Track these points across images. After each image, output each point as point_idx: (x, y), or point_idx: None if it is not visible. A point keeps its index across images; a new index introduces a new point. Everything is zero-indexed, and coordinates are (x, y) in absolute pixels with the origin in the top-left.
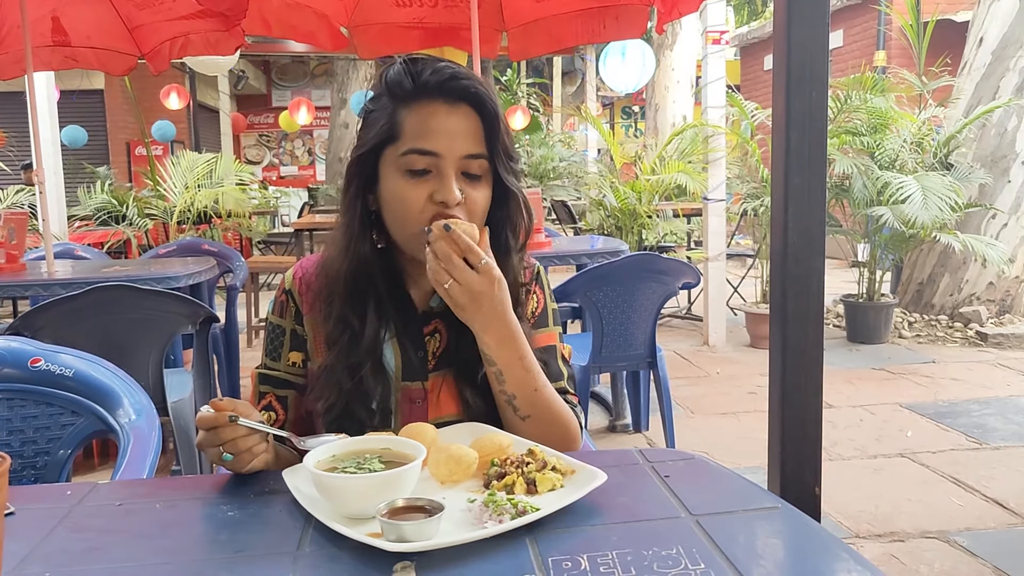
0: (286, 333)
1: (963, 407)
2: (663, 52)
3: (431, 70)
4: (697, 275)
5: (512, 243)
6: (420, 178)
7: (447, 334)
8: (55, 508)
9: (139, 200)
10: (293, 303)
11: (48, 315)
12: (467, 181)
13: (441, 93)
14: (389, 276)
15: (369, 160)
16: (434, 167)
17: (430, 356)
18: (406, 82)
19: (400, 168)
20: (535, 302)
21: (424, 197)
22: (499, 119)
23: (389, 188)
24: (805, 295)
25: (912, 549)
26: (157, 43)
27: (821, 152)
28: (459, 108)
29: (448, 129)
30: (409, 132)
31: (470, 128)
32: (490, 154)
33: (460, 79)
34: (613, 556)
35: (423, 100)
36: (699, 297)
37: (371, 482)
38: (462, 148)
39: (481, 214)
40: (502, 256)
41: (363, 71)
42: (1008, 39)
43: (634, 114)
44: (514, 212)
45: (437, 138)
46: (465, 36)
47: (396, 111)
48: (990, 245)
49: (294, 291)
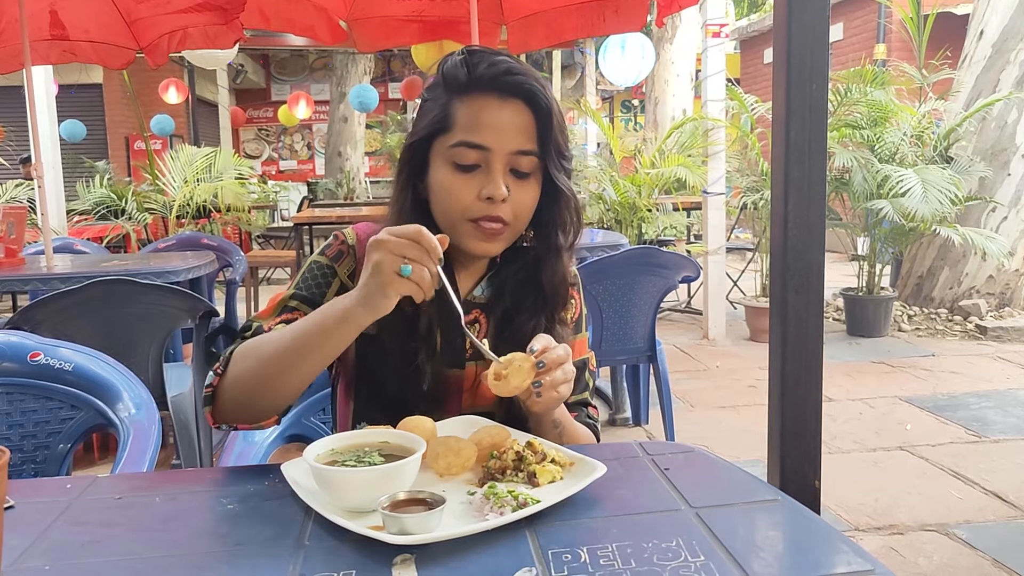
0: (336, 276)
1: (962, 400)
2: (663, 45)
3: (487, 63)
4: (697, 269)
5: (561, 242)
6: (468, 173)
7: (487, 325)
8: (55, 502)
9: (138, 194)
10: (353, 260)
11: (47, 309)
12: (515, 178)
13: (495, 87)
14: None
15: (420, 149)
16: (483, 161)
17: (468, 344)
18: (461, 74)
19: (449, 160)
20: (573, 307)
21: (472, 191)
22: (552, 117)
23: (438, 179)
24: (805, 288)
25: (911, 542)
26: (155, 37)
27: (821, 145)
28: (511, 103)
29: (499, 124)
30: (460, 124)
31: (522, 124)
32: (541, 151)
33: (514, 74)
34: (613, 548)
35: (476, 93)
36: (699, 291)
37: (371, 475)
38: (512, 144)
39: (527, 211)
40: (551, 255)
41: (362, 65)
42: (1009, 32)
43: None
44: (563, 211)
45: (487, 132)
46: (464, 29)
47: (450, 102)
48: (990, 238)
49: (356, 249)
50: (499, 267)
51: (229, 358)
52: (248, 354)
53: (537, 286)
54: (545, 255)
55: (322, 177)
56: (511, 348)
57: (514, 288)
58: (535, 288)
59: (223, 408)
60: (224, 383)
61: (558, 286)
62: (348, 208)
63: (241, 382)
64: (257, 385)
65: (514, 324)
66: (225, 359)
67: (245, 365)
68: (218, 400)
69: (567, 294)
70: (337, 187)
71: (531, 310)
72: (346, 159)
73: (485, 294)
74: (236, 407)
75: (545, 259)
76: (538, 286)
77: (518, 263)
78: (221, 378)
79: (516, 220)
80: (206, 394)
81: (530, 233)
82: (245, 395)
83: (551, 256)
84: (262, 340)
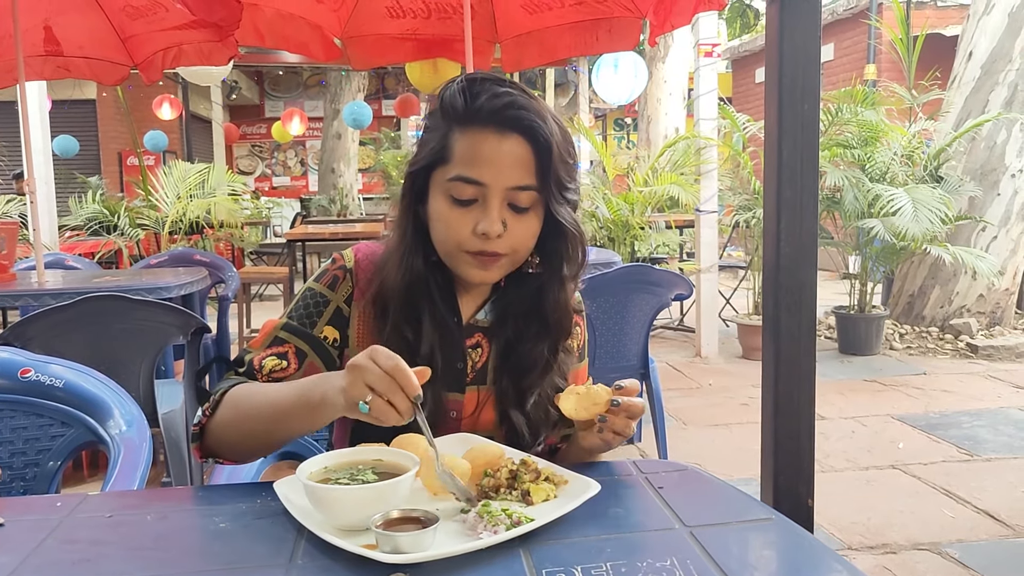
0: (329, 305)
1: (954, 419)
2: (655, 64)
3: (488, 94)
4: (689, 287)
5: (565, 273)
6: (465, 207)
7: (489, 350)
8: (45, 519)
9: (131, 210)
10: (351, 283)
11: (38, 325)
12: (514, 212)
13: (493, 121)
14: (443, 287)
15: (420, 176)
16: (480, 196)
17: (469, 369)
18: (459, 104)
19: (447, 193)
20: (579, 336)
21: (467, 225)
22: (552, 151)
23: (436, 209)
24: (797, 307)
25: (904, 561)
26: (150, 53)
27: (813, 164)
28: (510, 138)
29: (497, 159)
30: (458, 157)
31: (521, 159)
32: (540, 186)
33: (514, 108)
34: (607, 567)
35: (475, 126)
36: (691, 309)
37: (365, 493)
38: (510, 179)
39: (526, 244)
40: (553, 285)
41: (356, 82)
42: (997, 53)
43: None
44: (565, 244)
45: (485, 167)
46: (458, 48)
47: (448, 133)
48: (980, 257)
49: (353, 272)
50: (503, 291)
51: (219, 400)
52: (233, 405)
53: (541, 315)
54: (548, 285)
55: (315, 194)
56: (515, 375)
57: (518, 315)
58: (539, 317)
59: (210, 445)
60: (211, 425)
61: (560, 317)
62: (341, 225)
63: (226, 430)
64: (241, 437)
65: (518, 351)
66: (214, 401)
67: (230, 416)
68: (205, 438)
69: (571, 325)
70: (330, 204)
71: (535, 339)
72: (339, 176)
73: (488, 318)
74: (222, 448)
75: (548, 289)
76: (542, 315)
77: (522, 289)
78: (209, 418)
79: (515, 253)
80: (194, 431)
81: (535, 259)
82: (230, 442)
83: (553, 286)
84: (247, 395)
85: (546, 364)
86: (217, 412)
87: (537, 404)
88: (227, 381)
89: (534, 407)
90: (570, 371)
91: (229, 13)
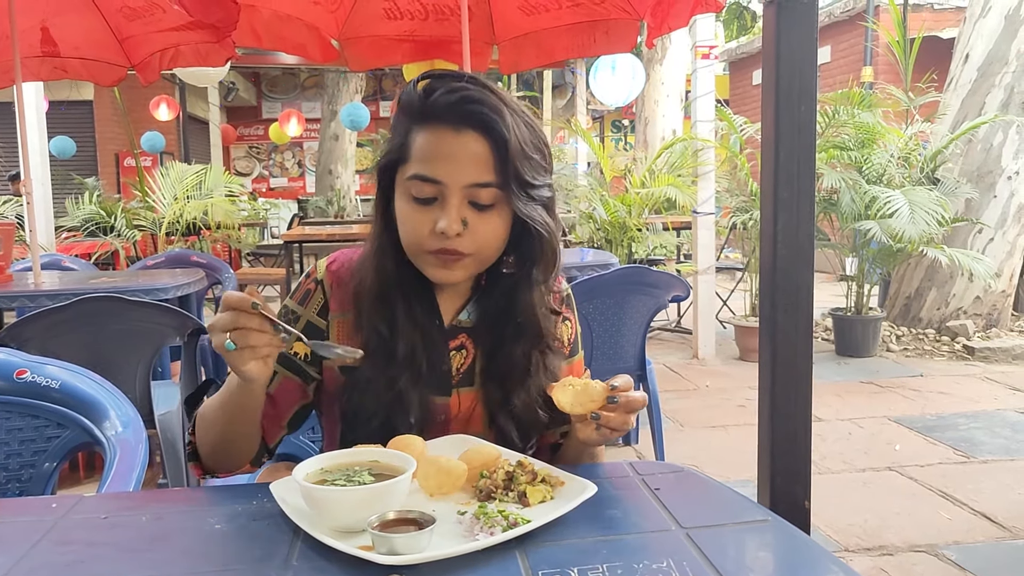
0: (300, 320)
1: (951, 421)
2: (653, 66)
3: (444, 90)
4: (686, 288)
5: (535, 276)
6: (426, 206)
7: (474, 351)
8: (40, 521)
9: (127, 211)
10: (322, 295)
11: (35, 326)
12: (476, 210)
13: (448, 117)
14: (418, 287)
15: (386, 175)
16: (439, 194)
17: (454, 371)
18: (416, 101)
19: (407, 192)
20: (569, 329)
21: (427, 224)
22: (510, 145)
23: (399, 208)
24: (794, 308)
25: (901, 563)
26: (147, 54)
27: (810, 166)
28: (466, 134)
29: (454, 156)
30: (416, 155)
31: (478, 155)
32: (501, 183)
33: (469, 103)
34: (603, 569)
35: (431, 123)
36: (688, 310)
37: (361, 495)
38: (467, 176)
39: (491, 241)
40: (523, 287)
41: (353, 83)
42: (993, 56)
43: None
44: (533, 244)
45: (441, 165)
46: (456, 49)
47: (408, 131)
48: (977, 259)
49: (325, 283)
50: (484, 290)
51: (195, 421)
52: (202, 422)
53: (513, 317)
54: (519, 286)
55: (312, 195)
56: (502, 376)
57: (495, 316)
58: (512, 319)
59: (205, 462)
60: (197, 443)
61: (532, 319)
62: (338, 226)
63: (206, 444)
64: (217, 447)
65: (503, 352)
66: (193, 421)
67: (202, 432)
68: (199, 456)
69: (546, 326)
70: (328, 205)
71: (511, 341)
72: (337, 177)
73: (471, 318)
74: (212, 462)
75: (519, 290)
76: (514, 317)
77: (499, 289)
78: (195, 437)
79: (479, 251)
80: (188, 452)
81: (511, 258)
82: (213, 454)
83: (523, 288)
84: (206, 408)
85: (526, 367)
86: (196, 431)
87: (525, 406)
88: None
89: (522, 409)
90: (561, 367)
91: (226, 14)
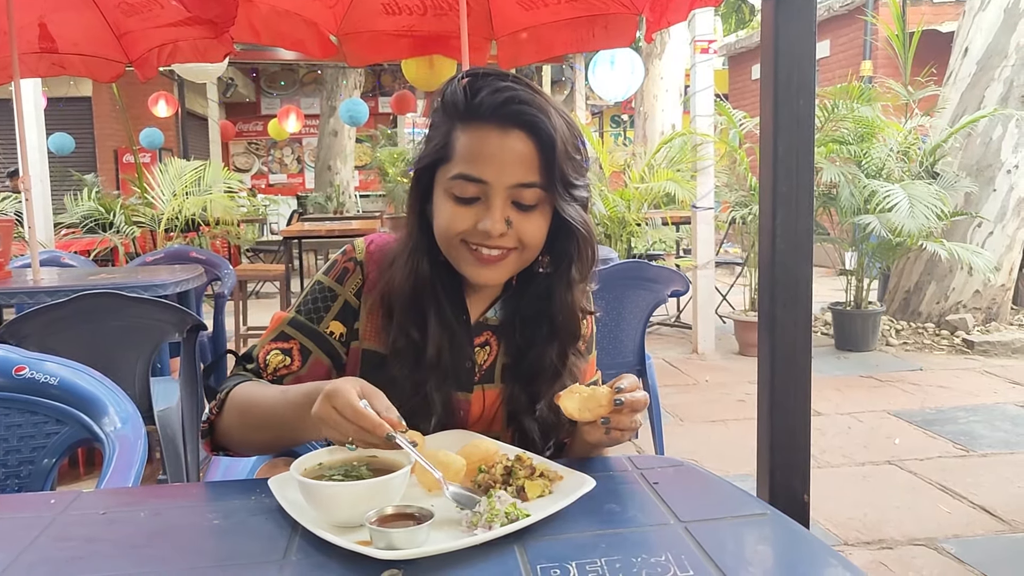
0: (337, 299)
1: (950, 414)
2: (652, 61)
3: (489, 89)
4: (686, 283)
5: (573, 275)
6: (468, 205)
7: (497, 348)
8: (38, 517)
9: (126, 208)
10: (360, 273)
11: (34, 323)
12: (519, 210)
13: (494, 117)
14: (449, 286)
15: (425, 175)
16: (483, 194)
17: (476, 368)
18: (460, 100)
19: (449, 191)
20: (586, 327)
21: (469, 221)
22: (556, 147)
23: (439, 208)
24: (793, 302)
25: (900, 556)
26: (145, 50)
27: (808, 160)
28: (512, 134)
29: (499, 156)
30: (460, 155)
31: (523, 155)
32: (545, 183)
33: (515, 103)
34: (602, 563)
35: (476, 123)
36: (688, 305)
37: (359, 490)
38: (512, 177)
39: (535, 240)
40: (561, 287)
41: (352, 79)
42: (993, 49)
43: (623, 122)
44: (574, 245)
45: (486, 165)
46: (454, 44)
47: (451, 130)
48: (976, 253)
49: (365, 263)
50: (515, 289)
51: (224, 400)
52: (237, 410)
53: (549, 317)
54: (556, 286)
55: (312, 191)
56: (525, 380)
57: (527, 317)
58: (548, 319)
59: (219, 441)
60: (219, 423)
61: (568, 320)
62: (338, 222)
63: (233, 432)
64: (245, 438)
65: (528, 356)
66: (220, 400)
67: (236, 421)
68: (215, 434)
69: (579, 328)
70: (327, 201)
71: (543, 342)
72: (336, 173)
73: (498, 316)
74: (231, 444)
75: (556, 290)
76: (550, 318)
77: (532, 290)
78: (217, 416)
79: (524, 248)
80: (203, 428)
81: (545, 259)
82: (238, 441)
83: (561, 288)
84: (249, 402)
85: (556, 369)
86: (223, 412)
87: (550, 407)
88: (233, 379)
89: (546, 411)
90: (582, 372)
91: (224, 10)
